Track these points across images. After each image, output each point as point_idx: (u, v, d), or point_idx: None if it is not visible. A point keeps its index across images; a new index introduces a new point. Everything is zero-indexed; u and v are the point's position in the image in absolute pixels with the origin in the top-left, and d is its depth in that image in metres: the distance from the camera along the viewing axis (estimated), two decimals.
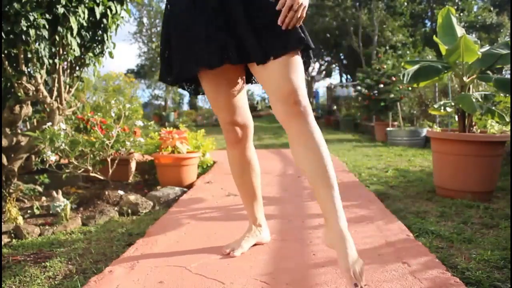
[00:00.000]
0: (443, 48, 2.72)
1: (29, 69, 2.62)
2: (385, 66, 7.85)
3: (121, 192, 2.78)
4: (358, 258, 1.18)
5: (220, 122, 1.54)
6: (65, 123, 3.09)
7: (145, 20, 18.06)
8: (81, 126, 3.39)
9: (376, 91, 7.58)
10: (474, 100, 2.52)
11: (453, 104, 2.86)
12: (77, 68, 3.04)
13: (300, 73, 1.29)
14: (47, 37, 2.48)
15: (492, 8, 15.52)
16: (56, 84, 2.81)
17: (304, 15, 1.26)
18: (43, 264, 1.64)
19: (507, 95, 2.89)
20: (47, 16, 2.45)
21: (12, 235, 2.04)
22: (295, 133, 1.27)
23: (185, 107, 20.93)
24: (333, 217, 1.21)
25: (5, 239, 1.98)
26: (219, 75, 1.43)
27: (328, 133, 9.01)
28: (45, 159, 2.61)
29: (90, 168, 2.84)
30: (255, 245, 1.67)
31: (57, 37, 2.62)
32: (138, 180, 3.67)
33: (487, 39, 14.17)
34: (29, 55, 2.53)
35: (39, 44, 2.44)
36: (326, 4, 15.08)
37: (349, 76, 19.37)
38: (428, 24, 17.26)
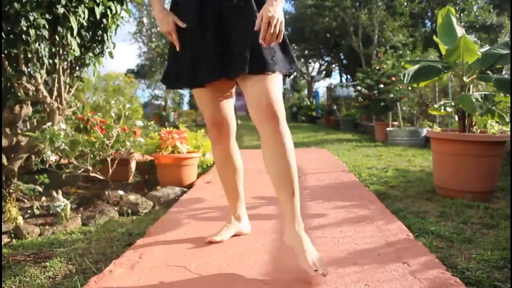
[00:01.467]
0: (443, 48, 2.72)
1: (29, 69, 2.62)
2: (385, 66, 7.85)
3: (121, 192, 2.78)
4: (314, 251, 1.35)
5: (206, 120, 1.65)
6: (65, 123, 3.09)
7: (145, 20, 18.04)
8: (81, 126, 3.39)
9: (376, 91, 7.57)
10: (474, 100, 2.52)
11: (453, 104, 2.86)
12: (77, 68, 3.04)
13: (277, 86, 1.40)
14: (47, 37, 2.48)
15: (491, 9, 15.51)
16: (56, 84, 2.80)
17: (283, 29, 1.35)
18: (43, 264, 1.64)
19: (507, 95, 2.89)
20: (47, 16, 2.44)
21: (12, 235, 2.04)
22: (265, 136, 1.37)
23: (185, 107, 20.93)
24: (289, 222, 1.38)
25: (5, 239, 1.98)
26: (213, 88, 1.54)
27: (328, 133, 9.01)
28: (45, 159, 2.61)
29: (90, 168, 2.84)
30: (235, 235, 1.79)
31: (57, 37, 2.61)
32: (138, 180, 3.67)
33: (487, 39, 14.17)
34: (29, 55, 2.53)
35: (39, 44, 2.44)
36: (326, 4, 15.08)
37: (349, 76, 19.37)
38: (428, 24, 17.25)
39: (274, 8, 1.31)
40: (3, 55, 2.45)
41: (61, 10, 2.46)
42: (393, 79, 7.37)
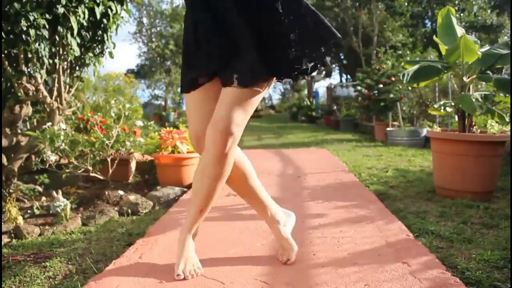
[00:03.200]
0: (443, 48, 2.73)
1: (29, 69, 2.62)
2: (384, 66, 7.85)
3: (121, 192, 2.78)
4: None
5: (193, 135, 1.47)
6: (65, 123, 3.09)
7: (145, 20, 18.07)
8: (81, 126, 3.40)
9: (376, 91, 7.57)
10: (474, 100, 2.53)
11: (453, 104, 2.86)
12: (77, 68, 3.04)
13: (246, 106, 1.29)
14: (47, 37, 2.48)
15: (491, 9, 15.51)
16: (56, 84, 2.80)
17: None
18: (43, 264, 1.64)
19: (507, 95, 2.89)
20: (47, 16, 2.45)
21: (12, 235, 2.04)
22: (207, 160, 1.31)
23: (185, 107, 20.91)
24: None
25: (5, 239, 1.98)
26: (208, 88, 1.40)
27: (328, 133, 9.01)
28: (45, 159, 2.61)
29: (90, 168, 2.84)
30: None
31: (57, 37, 2.61)
32: (138, 180, 3.67)
33: (487, 39, 14.17)
34: (29, 55, 2.53)
35: (39, 44, 2.44)
36: (326, 5, 15.07)
37: (349, 76, 19.37)
38: (428, 24, 17.26)
39: None
40: (3, 55, 2.45)
41: (61, 10, 2.47)
42: (393, 79, 7.37)
